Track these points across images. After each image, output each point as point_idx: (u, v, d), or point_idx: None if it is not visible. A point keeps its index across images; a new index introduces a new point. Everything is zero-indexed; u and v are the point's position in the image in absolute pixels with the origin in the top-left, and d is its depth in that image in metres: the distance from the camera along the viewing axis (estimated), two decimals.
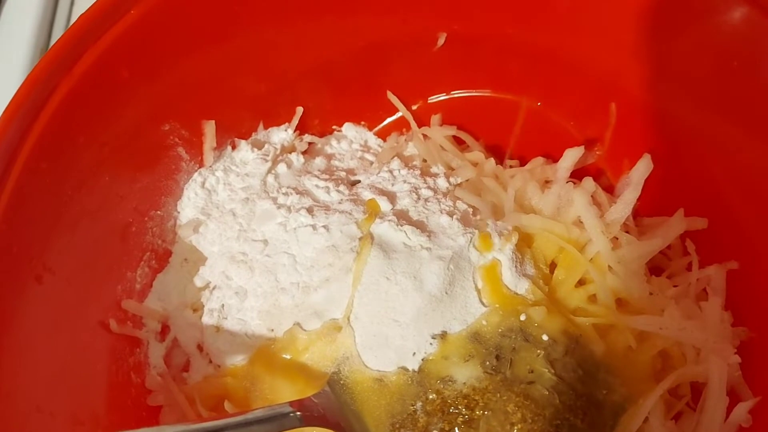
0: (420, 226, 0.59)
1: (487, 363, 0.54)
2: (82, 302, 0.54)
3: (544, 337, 0.56)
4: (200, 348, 0.62)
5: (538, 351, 0.55)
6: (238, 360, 0.59)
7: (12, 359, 0.47)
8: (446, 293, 0.56)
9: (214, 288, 0.61)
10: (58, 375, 0.50)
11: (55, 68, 0.50)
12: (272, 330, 0.59)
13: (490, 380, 0.54)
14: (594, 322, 0.58)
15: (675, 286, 0.61)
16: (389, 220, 0.59)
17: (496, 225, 0.60)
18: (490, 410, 0.53)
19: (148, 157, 0.58)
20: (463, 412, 0.53)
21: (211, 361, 0.61)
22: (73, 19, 0.74)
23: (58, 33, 0.86)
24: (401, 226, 0.59)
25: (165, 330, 0.62)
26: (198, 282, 0.62)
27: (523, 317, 0.56)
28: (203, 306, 0.62)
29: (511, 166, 0.71)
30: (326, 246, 0.59)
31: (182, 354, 0.62)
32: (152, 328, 0.60)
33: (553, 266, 0.62)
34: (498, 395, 0.53)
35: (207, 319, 0.61)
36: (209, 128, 0.63)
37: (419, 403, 0.54)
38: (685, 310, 0.58)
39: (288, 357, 0.58)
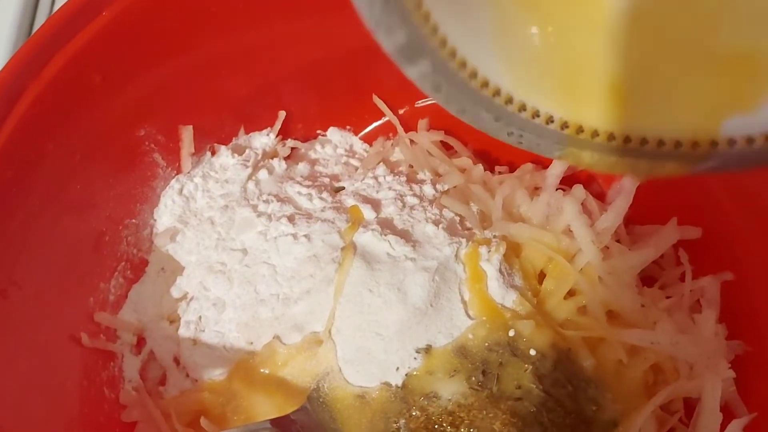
0: (404, 236, 0.57)
1: (473, 378, 0.52)
2: (51, 316, 0.51)
3: (532, 352, 0.54)
4: (177, 361, 0.59)
5: (526, 366, 0.53)
6: (216, 374, 0.57)
7: None
8: (431, 305, 0.54)
9: (191, 299, 0.59)
10: (26, 392, 0.48)
11: (22, 72, 0.47)
12: (251, 343, 0.57)
13: (476, 397, 0.52)
14: (584, 335, 0.56)
15: (668, 297, 0.59)
16: (373, 230, 0.57)
17: (483, 234, 0.59)
18: (476, 428, 0.51)
19: (123, 163, 0.56)
20: (448, 430, 0.51)
21: (188, 375, 0.59)
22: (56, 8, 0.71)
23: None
24: (385, 235, 0.57)
25: (141, 343, 0.60)
26: (175, 293, 0.60)
27: (511, 332, 0.54)
28: (180, 318, 0.59)
29: (500, 173, 0.69)
30: (307, 256, 0.57)
31: (158, 367, 0.60)
32: (127, 340, 0.58)
33: (542, 277, 0.60)
34: (484, 412, 0.51)
35: (184, 332, 0.59)
36: (187, 133, 0.60)
37: (402, 421, 0.52)
38: (678, 323, 0.56)
39: (267, 371, 0.56)
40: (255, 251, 0.59)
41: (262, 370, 0.56)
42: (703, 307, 0.57)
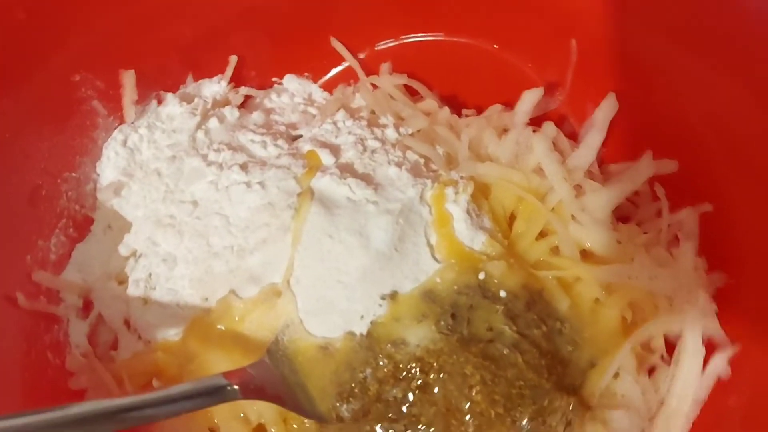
0: (366, 179, 0.54)
1: (442, 323, 0.49)
2: None
3: (503, 294, 0.51)
4: (128, 323, 0.55)
5: (497, 307, 0.50)
6: (170, 334, 0.54)
7: None
8: (396, 250, 0.51)
9: (140, 256, 0.55)
10: None
11: None
12: (206, 299, 0.54)
13: (445, 341, 0.49)
14: (557, 275, 0.53)
15: (645, 233, 0.56)
16: (331, 174, 0.53)
17: (449, 175, 0.55)
18: (446, 373, 0.48)
19: (57, 111, 0.52)
20: (418, 377, 0.48)
21: (140, 337, 0.55)
22: None
23: None
24: (344, 179, 0.53)
25: (88, 306, 0.56)
26: (123, 250, 0.56)
27: (481, 275, 0.51)
28: (129, 277, 0.56)
29: (467, 116, 0.66)
30: (262, 204, 0.53)
31: (109, 331, 0.56)
32: (72, 303, 0.54)
33: (512, 219, 0.57)
34: (455, 357, 0.48)
35: (133, 291, 0.55)
36: (128, 79, 0.56)
37: (369, 370, 0.49)
38: (656, 257, 0.53)
39: (224, 328, 0.52)
40: (206, 202, 0.55)
41: (218, 327, 0.52)
42: (681, 240, 0.55)
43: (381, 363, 0.49)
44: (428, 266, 0.51)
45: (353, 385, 0.49)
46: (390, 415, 0.48)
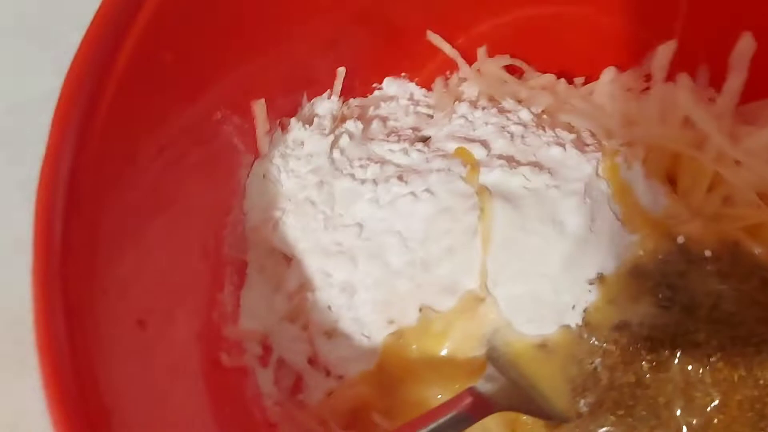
0: (535, 165, 0.52)
1: (660, 296, 0.48)
2: (185, 344, 0.44)
3: (707, 253, 0.49)
4: (311, 362, 0.53)
5: (708, 268, 0.48)
6: (363, 365, 0.51)
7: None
8: (591, 230, 0.49)
9: (314, 290, 0.52)
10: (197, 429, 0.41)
11: (94, 65, 0.39)
12: (392, 322, 0.51)
13: (668, 315, 0.47)
14: (744, 224, 0.52)
15: None
16: (500, 166, 0.51)
17: (611, 145, 0.53)
18: (678, 347, 0.47)
19: (209, 153, 0.48)
20: (649, 358, 0.47)
21: (328, 374, 0.52)
22: None
23: None
24: (515, 168, 0.51)
25: (266, 352, 0.52)
26: (288, 288, 0.53)
27: (680, 239, 0.49)
28: (304, 313, 0.52)
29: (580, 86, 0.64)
30: (436, 211, 0.51)
31: (289, 374, 0.53)
32: (254, 352, 0.51)
33: (671, 179, 0.56)
34: (683, 328, 0.47)
35: (315, 328, 0.52)
36: (260, 109, 0.53)
37: (597, 359, 0.47)
38: None
39: (425, 347, 0.50)
40: (372, 222, 0.52)
41: (416, 347, 0.50)
42: None
43: (608, 349, 0.47)
44: (625, 241, 0.50)
45: (584, 377, 0.47)
46: (627, 402, 0.47)
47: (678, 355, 0.46)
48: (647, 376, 0.47)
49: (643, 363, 0.47)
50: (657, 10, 0.63)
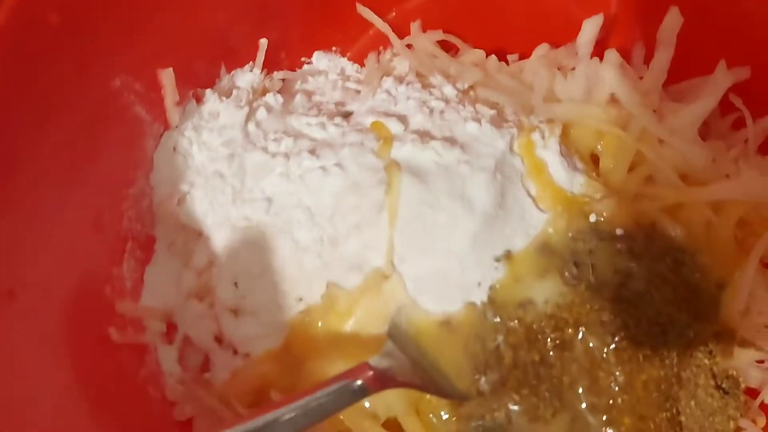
0: (448, 141, 0.50)
1: (567, 274, 0.47)
2: (68, 315, 0.42)
3: (619, 232, 0.48)
4: (219, 340, 0.51)
5: (619, 246, 0.47)
6: (270, 343, 0.50)
7: None
8: (500, 207, 0.48)
9: (220, 267, 0.51)
10: (64, 407, 0.39)
11: None
12: (301, 299, 0.50)
13: (574, 292, 0.46)
14: (663, 204, 0.50)
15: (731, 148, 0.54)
16: (412, 140, 0.50)
17: (530, 121, 0.52)
18: (582, 325, 0.45)
19: (105, 123, 0.47)
20: (553, 336, 0.46)
21: (236, 352, 0.51)
22: None
23: None
24: (426, 143, 0.49)
25: (171, 329, 0.51)
26: (196, 264, 0.52)
27: (592, 217, 0.48)
28: (211, 291, 0.51)
29: (513, 62, 0.63)
30: (345, 186, 0.49)
31: (197, 352, 0.52)
32: (156, 329, 0.50)
33: (594, 157, 0.54)
34: (588, 306, 0.46)
35: (220, 305, 0.50)
36: (167, 78, 0.51)
37: (500, 337, 0.46)
38: (756, 167, 0.51)
39: (330, 325, 0.48)
40: (281, 196, 0.51)
41: (322, 325, 0.49)
42: None
43: (511, 327, 0.46)
44: (536, 219, 0.49)
45: (487, 355, 0.46)
46: (530, 381, 0.46)
47: (582, 333, 0.45)
48: (551, 354, 0.46)
49: (548, 341, 0.46)
50: None
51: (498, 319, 0.46)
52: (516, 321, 0.46)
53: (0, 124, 0.40)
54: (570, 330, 0.46)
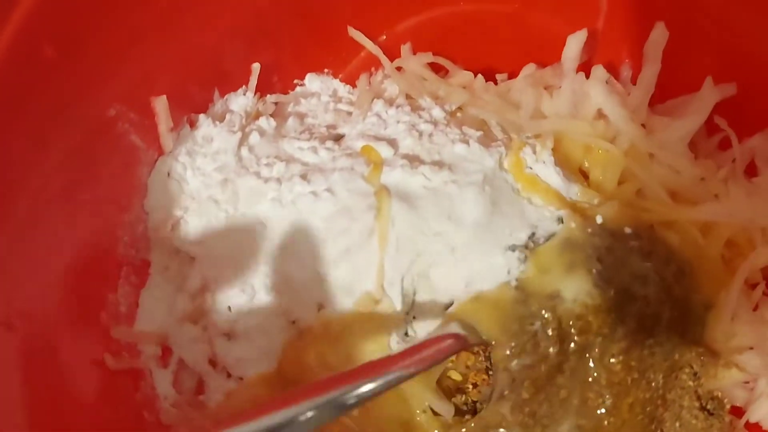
0: (437, 164, 0.51)
1: (594, 271, 0.47)
2: (65, 343, 0.43)
3: (628, 230, 0.49)
4: (213, 363, 0.52)
5: (631, 243, 0.48)
6: (263, 366, 0.50)
7: None
8: (492, 214, 0.49)
9: (214, 291, 0.51)
10: None
11: None
12: (293, 322, 0.51)
13: (602, 297, 0.46)
14: (656, 218, 0.51)
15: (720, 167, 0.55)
16: (401, 165, 0.50)
17: (520, 138, 0.53)
18: (601, 336, 0.46)
19: (101, 151, 0.47)
20: (577, 339, 0.46)
21: (229, 375, 0.52)
22: None
23: None
24: (416, 168, 0.50)
25: (166, 353, 0.52)
26: (190, 288, 0.52)
27: (599, 219, 0.49)
28: (205, 314, 0.52)
29: (501, 81, 0.64)
30: (336, 211, 0.50)
31: (191, 375, 0.53)
32: (151, 353, 0.50)
33: (582, 173, 0.55)
34: (612, 316, 0.46)
35: (214, 329, 0.51)
36: (161, 106, 0.52)
37: (538, 323, 0.46)
38: (743, 189, 0.52)
39: (323, 347, 0.49)
40: (273, 221, 0.51)
41: (315, 348, 0.49)
42: (761, 168, 0.53)
43: (546, 318, 0.46)
44: (539, 216, 0.50)
45: (525, 339, 0.46)
46: (542, 382, 0.46)
47: (598, 342, 0.46)
48: (570, 359, 0.46)
49: (572, 344, 0.46)
50: (579, 7, 0.62)
51: (533, 307, 0.47)
52: (549, 313, 0.46)
53: (9, 152, 0.41)
54: (591, 337, 0.46)
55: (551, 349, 0.46)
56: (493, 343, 0.47)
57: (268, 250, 0.51)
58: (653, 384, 0.46)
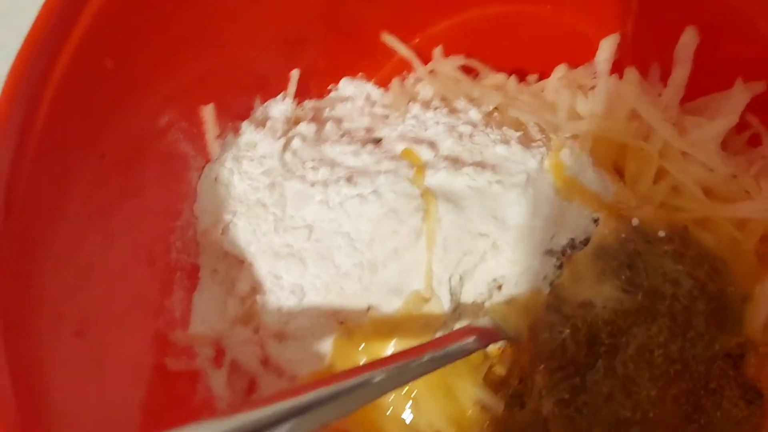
0: (480, 164, 0.52)
1: (623, 277, 0.48)
2: (128, 349, 0.44)
3: (661, 234, 0.50)
4: (264, 363, 0.53)
5: (665, 248, 0.49)
6: (314, 366, 0.52)
7: None
8: (534, 216, 0.50)
9: (265, 293, 0.53)
10: None
11: (32, 73, 0.39)
12: (342, 322, 0.52)
13: (631, 301, 0.48)
14: (691, 216, 0.52)
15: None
16: (445, 167, 0.52)
17: (558, 139, 0.54)
18: (632, 336, 0.47)
19: (155, 159, 0.49)
20: (607, 342, 0.47)
21: (281, 375, 0.53)
22: None
23: None
24: (459, 169, 0.52)
25: (219, 354, 0.53)
26: (240, 291, 0.54)
27: (635, 221, 0.50)
28: (256, 316, 0.53)
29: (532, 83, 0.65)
30: (383, 213, 0.51)
31: (243, 376, 0.54)
32: (206, 355, 0.52)
33: (618, 171, 0.56)
34: (642, 317, 0.47)
35: (265, 330, 0.52)
36: (209, 114, 0.53)
37: (567, 331, 0.47)
38: None
39: (372, 346, 0.50)
40: (321, 223, 0.53)
41: (364, 347, 0.51)
42: None
43: (575, 326, 0.48)
44: (579, 219, 0.51)
45: (554, 346, 0.47)
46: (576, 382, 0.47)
47: (630, 343, 0.47)
48: (600, 362, 0.47)
49: (601, 348, 0.47)
50: (609, 8, 0.63)
51: (564, 315, 0.48)
52: (580, 319, 0.47)
53: (56, 162, 0.42)
54: (623, 339, 0.47)
55: (581, 353, 0.47)
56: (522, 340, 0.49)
57: (316, 252, 0.52)
58: (695, 375, 0.47)
